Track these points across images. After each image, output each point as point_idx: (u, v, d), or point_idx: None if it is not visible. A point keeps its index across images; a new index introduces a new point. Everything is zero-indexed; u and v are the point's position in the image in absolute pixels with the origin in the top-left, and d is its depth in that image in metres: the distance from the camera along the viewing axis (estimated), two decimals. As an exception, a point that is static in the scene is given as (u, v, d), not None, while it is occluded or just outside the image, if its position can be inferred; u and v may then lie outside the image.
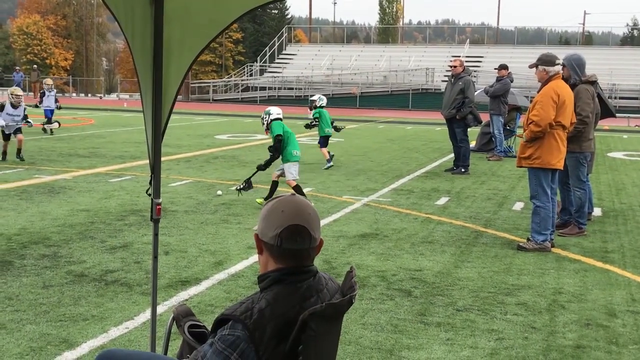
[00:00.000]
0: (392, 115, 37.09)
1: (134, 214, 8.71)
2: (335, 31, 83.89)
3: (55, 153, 15.16)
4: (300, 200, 2.28)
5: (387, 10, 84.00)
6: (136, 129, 22.79)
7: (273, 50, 57.19)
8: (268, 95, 48.94)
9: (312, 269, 2.30)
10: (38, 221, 8.14)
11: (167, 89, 3.60)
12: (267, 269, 2.25)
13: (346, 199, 10.31)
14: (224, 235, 7.72)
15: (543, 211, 7.39)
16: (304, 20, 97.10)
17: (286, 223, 2.17)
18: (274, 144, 9.42)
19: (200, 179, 11.91)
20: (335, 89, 48.50)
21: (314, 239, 2.23)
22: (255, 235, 2.26)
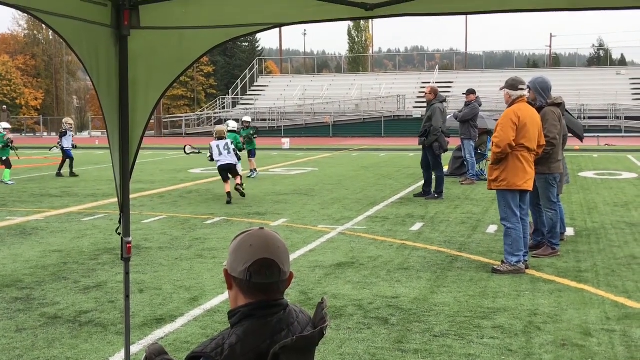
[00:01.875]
0: (365, 142, 37.33)
1: (108, 253, 8.64)
2: (306, 61, 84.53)
3: (26, 194, 15.01)
4: (269, 234, 2.28)
5: (356, 40, 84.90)
6: (108, 166, 22.63)
7: (245, 82, 57.46)
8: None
9: (283, 302, 2.30)
10: (10, 264, 8.04)
11: (134, 128, 3.61)
12: (237, 304, 2.25)
13: (322, 228, 10.31)
14: (198, 271, 7.67)
15: (514, 232, 7.48)
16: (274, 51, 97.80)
17: (255, 257, 2.17)
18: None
19: (174, 214, 11.86)
20: (308, 118, 48.77)
21: (284, 272, 2.24)
22: (224, 271, 2.26)
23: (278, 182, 17.02)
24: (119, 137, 3.57)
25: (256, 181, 17.35)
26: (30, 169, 20.87)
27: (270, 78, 62.89)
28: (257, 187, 16.02)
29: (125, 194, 3.63)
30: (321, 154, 28.18)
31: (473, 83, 37.33)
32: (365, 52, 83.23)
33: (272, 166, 22.27)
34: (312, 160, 24.71)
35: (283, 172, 19.99)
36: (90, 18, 3.25)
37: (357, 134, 45.08)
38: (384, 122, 45.85)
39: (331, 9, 3.18)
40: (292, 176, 18.75)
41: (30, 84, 73.75)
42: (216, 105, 56.42)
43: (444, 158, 13.81)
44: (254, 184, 16.73)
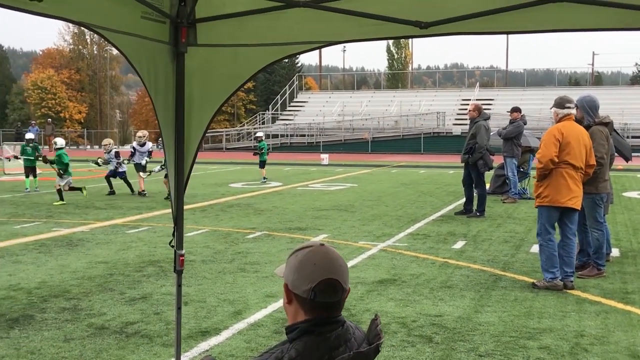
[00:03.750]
0: (405, 159, 37.21)
1: (152, 265, 8.75)
2: (346, 78, 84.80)
3: (72, 205, 15.29)
4: (332, 252, 2.30)
5: (395, 56, 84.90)
6: (152, 179, 22.95)
7: (284, 98, 57.80)
8: (280, 143, 49.28)
9: (340, 319, 2.32)
10: (57, 274, 8.19)
11: (188, 143, 3.68)
12: (296, 319, 2.27)
13: (362, 244, 10.31)
14: (242, 284, 7.73)
15: (546, 249, 7.50)
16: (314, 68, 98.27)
17: (320, 277, 2.18)
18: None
19: (216, 227, 11.97)
20: (347, 134, 48.82)
21: (345, 290, 2.26)
22: (285, 286, 2.27)
23: (318, 198, 17.06)
24: (174, 152, 3.64)
25: (296, 196, 17.42)
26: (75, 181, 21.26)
27: (309, 94, 63.17)
28: (297, 202, 16.08)
29: (179, 207, 3.69)
30: (360, 170, 28.17)
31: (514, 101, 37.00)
32: (404, 68, 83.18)
33: (311, 182, 22.33)
34: (351, 176, 24.71)
35: (322, 188, 20.03)
36: (149, 35, 3.33)
37: (396, 150, 44.96)
38: (424, 138, 45.66)
39: (387, 27, 3.21)
40: (331, 192, 18.78)
41: (74, 97, 75.17)
42: (256, 120, 56.84)
43: (486, 176, 13.72)
44: (294, 199, 16.80)
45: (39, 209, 14.68)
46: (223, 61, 3.57)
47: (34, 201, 16.25)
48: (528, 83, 60.16)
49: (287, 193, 18.41)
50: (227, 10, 3.38)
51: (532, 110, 38.49)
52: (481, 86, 61.31)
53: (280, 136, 50.42)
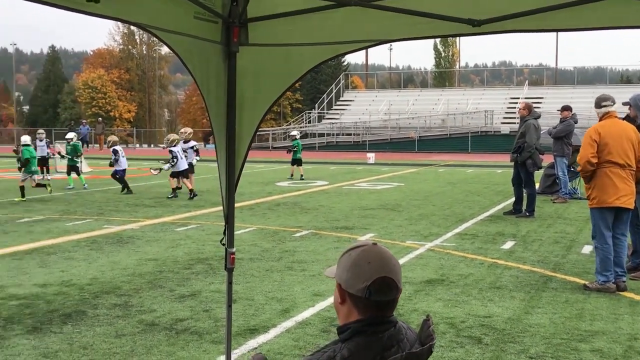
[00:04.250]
0: (452, 158, 36.89)
1: (201, 263, 8.84)
2: (392, 76, 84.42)
3: (122, 203, 15.56)
4: (385, 251, 2.29)
5: (442, 54, 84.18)
6: (200, 177, 23.21)
7: (330, 97, 57.83)
8: (326, 142, 49.31)
9: (393, 319, 2.30)
10: (108, 271, 8.34)
11: (240, 142, 3.70)
12: (349, 319, 2.26)
13: (410, 244, 10.25)
14: (289, 283, 7.75)
15: (601, 252, 7.38)
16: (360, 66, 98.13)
17: (375, 276, 2.18)
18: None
19: (264, 226, 12.04)
20: (393, 133, 48.63)
21: (399, 290, 2.25)
22: (338, 286, 2.27)
23: (364, 197, 17.03)
24: (225, 151, 3.67)
25: (342, 195, 17.42)
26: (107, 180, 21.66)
27: (355, 93, 63.08)
28: (343, 201, 16.07)
29: (230, 205, 3.72)
30: (407, 169, 28.04)
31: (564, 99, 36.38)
32: (451, 66, 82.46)
33: (358, 180, 22.30)
34: (398, 175, 24.61)
35: (368, 187, 19.98)
36: (202, 35, 3.36)
37: (443, 149, 44.60)
38: (471, 137, 45.21)
39: (438, 25, 3.18)
40: (377, 191, 18.73)
41: (124, 97, 76.46)
42: (302, 119, 57.02)
43: (535, 175, 13.51)
44: (340, 198, 16.80)
45: (90, 206, 14.97)
46: (274, 60, 3.58)
47: (85, 199, 16.58)
48: (578, 81, 59.09)
49: (333, 192, 18.42)
50: (278, 9, 3.38)
51: (582, 108, 37.77)
52: (530, 84, 60.37)
53: (326, 135, 50.45)
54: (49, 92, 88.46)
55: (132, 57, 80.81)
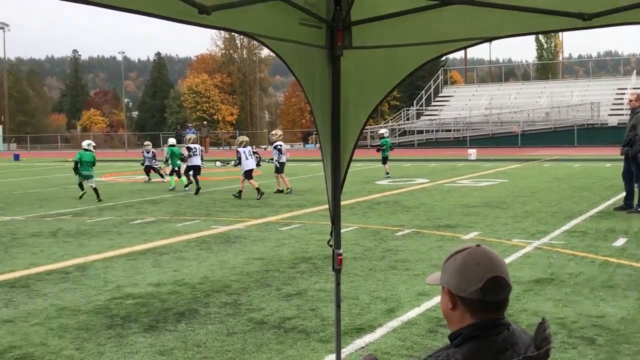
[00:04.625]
0: (557, 152, 35.77)
1: (305, 262, 8.97)
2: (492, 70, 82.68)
3: (228, 204, 15.98)
4: (491, 251, 2.27)
5: (545, 46, 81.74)
6: (300, 178, 23.53)
7: (429, 93, 57.28)
8: (425, 139, 48.89)
9: (506, 321, 2.28)
10: (218, 270, 8.60)
11: (345, 143, 3.75)
12: (462, 324, 2.24)
13: (516, 242, 10.03)
14: (393, 282, 7.75)
15: None
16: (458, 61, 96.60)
17: (486, 276, 2.16)
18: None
19: (365, 225, 12.07)
20: (495, 128, 47.66)
21: (511, 288, 2.22)
22: (447, 292, 2.25)
23: (467, 194, 16.78)
24: (331, 153, 3.72)
25: (444, 193, 17.23)
26: (230, 180, 22.21)
27: (455, 88, 62.23)
28: (445, 198, 15.90)
29: (336, 207, 3.77)
30: (510, 165, 27.41)
31: (678, 87, 34.58)
32: (554, 58, 79.96)
33: (459, 177, 21.99)
34: (501, 171, 24.10)
35: (471, 184, 19.67)
36: (306, 40, 3.42)
37: (548, 143, 43.32)
38: (577, 130, 43.72)
39: (546, 20, 3.11)
40: (480, 188, 18.41)
41: (226, 100, 78.47)
42: (400, 116, 56.73)
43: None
44: (442, 195, 16.62)
45: (198, 207, 15.45)
46: (378, 62, 3.60)
47: (193, 200, 17.12)
48: (693, 68, 56.00)
49: (434, 190, 18.25)
50: (382, 11, 3.40)
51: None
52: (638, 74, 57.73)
53: (425, 132, 50.01)
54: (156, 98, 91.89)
55: (234, 61, 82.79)
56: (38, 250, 10.28)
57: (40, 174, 28.55)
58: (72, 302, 7.13)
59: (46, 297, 7.39)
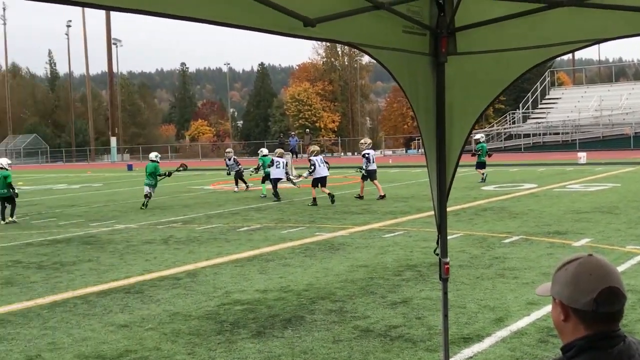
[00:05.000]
0: (674, 155, 33.97)
1: (410, 269, 8.91)
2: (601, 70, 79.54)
3: (331, 211, 16.09)
4: (604, 260, 2.19)
5: (659, 43, 77.84)
6: (403, 184, 23.42)
7: (535, 96, 55.75)
8: (532, 142, 47.59)
9: (621, 333, 2.19)
10: (322, 277, 8.67)
11: (450, 151, 3.70)
12: (575, 336, 2.17)
13: (630, 249, 9.60)
14: (501, 290, 7.58)
15: None
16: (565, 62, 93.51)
17: (600, 286, 2.09)
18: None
19: (471, 232, 11.87)
20: (606, 130, 45.84)
21: (626, 298, 2.14)
22: (558, 303, 2.19)
23: (577, 199, 16.20)
24: (436, 160, 3.69)
25: (552, 198, 16.71)
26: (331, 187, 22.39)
27: (562, 90, 60.28)
28: (555, 204, 15.41)
29: (442, 215, 3.73)
30: (622, 168, 26.27)
31: None
32: (670, 55, 76.05)
33: (569, 182, 21.27)
34: (613, 175, 23.13)
35: (581, 189, 18.98)
36: (410, 48, 3.41)
37: (663, 145, 41.25)
38: (696, 131, 41.41)
39: (662, 19, 2.97)
40: (591, 193, 17.74)
41: (328, 107, 79.12)
42: (506, 120, 55.48)
43: None
44: (551, 201, 16.13)
45: (302, 214, 15.64)
46: (484, 68, 3.54)
47: (297, 207, 17.36)
48: None
49: (543, 195, 17.73)
50: (486, 16, 3.35)
51: None
52: None
53: (532, 135, 48.68)
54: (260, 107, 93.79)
55: (335, 69, 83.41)
56: (151, 257, 10.69)
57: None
58: (184, 308, 7.37)
59: (159, 302, 7.68)
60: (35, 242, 12.78)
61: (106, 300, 7.85)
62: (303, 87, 78.08)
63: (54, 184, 33.29)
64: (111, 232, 13.82)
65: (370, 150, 19.34)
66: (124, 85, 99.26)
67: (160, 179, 19.33)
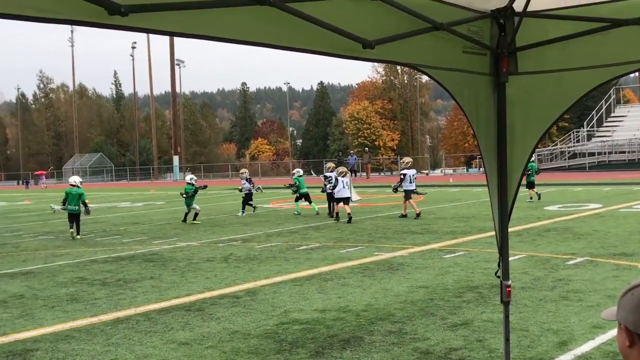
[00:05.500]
0: None
1: (471, 291, 8.78)
2: (670, 87, 77.18)
3: (390, 230, 16.01)
4: None
5: None
6: (464, 204, 23.14)
7: (600, 114, 54.53)
8: (597, 161, 46.52)
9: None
10: (381, 297, 8.61)
11: (511, 172, 3.66)
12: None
13: (702, 273, 9.25)
14: (565, 314, 7.40)
15: None
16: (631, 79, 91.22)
17: None
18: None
19: (534, 253, 11.63)
20: (675, 149, 44.44)
21: None
22: (623, 328, 2.13)
23: (645, 220, 15.72)
24: (497, 181, 3.64)
25: (619, 219, 16.26)
26: (392, 207, 22.25)
27: (629, 107, 58.80)
28: (621, 225, 14.99)
29: (503, 236, 3.68)
30: (693, 188, 25.40)
31: None
32: None
33: (636, 202, 20.67)
34: (683, 195, 22.38)
35: (650, 209, 18.42)
36: (470, 68, 3.39)
37: None
38: None
39: None
40: (660, 213, 17.18)
41: (387, 126, 79.00)
42: (570, 138, 54.38)
43: None
44: (617, 221, 15.69)
45: (361, 234, 15.60)
46: (546, 87, 3.49)
47: (355, 226, 17.32)
48: None
49: (608, 215, 17.27)
50: (549, 35, 3.31)
51: None
52: None
53: (597, 154, 47.58)
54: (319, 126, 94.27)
55: (394, 87, 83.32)
56: (212, 274, 10.81)
57: (212, 202, 30.12)
58: (243, 326, 7.42)
59: (219, 320, 7.75)
60: (99, 259, 13.09)
61: (167, 318, 7.96)
62: (362, 106, 78.19)
63: (118, 201, 34.09)
64: (173, 250, 14.05)
65: (407, 170, 19.43)
66: (187, 105, 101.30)
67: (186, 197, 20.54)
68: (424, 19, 2.98)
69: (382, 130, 77.86)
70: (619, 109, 57.10)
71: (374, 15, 2.82)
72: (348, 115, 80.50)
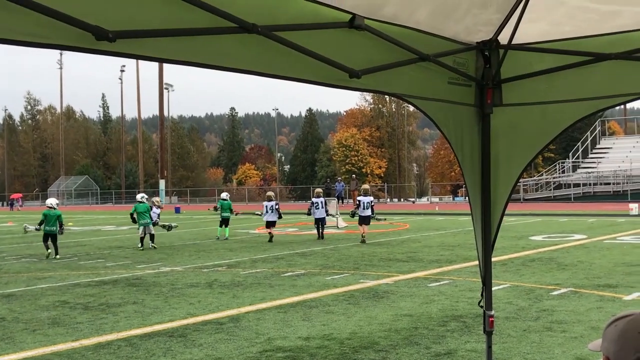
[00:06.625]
0: None
1: (455, 320, 8.76)
2: (654, 120, 78.08)
3: (376, 258, 15.99)
4: None
5: None
6: (449, 232, 23.18)
7: (586, 145, 54.99)
8: (583, 192, 46.80)
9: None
10: (366, 325, 8.58)
11: (495, 202, 3.68)
12: (618, 391, 2.12)
13: (685, 305, 9.29)
14: (549, 345, 7.40)
15: None
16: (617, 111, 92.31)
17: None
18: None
19: (518, 283, 11.65)
20: (660, 181, 44.81)
21: None
22: (605, 358, 2.15)
23: (628, 252, 15.80)
24: (481, 212, 3.66)
25: (603, 250, 16.33)
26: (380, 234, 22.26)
27: (613, 139, 59.36)
28: (605, 256, 15.05)
29: (487, 266, 3.69)
30: (677, 221, 25.58)
31: None
32: None
33: (620, 234, 20.78)
34: (667, 228, 22.53)
35: (633, 241, 18.52)
36: (455, 99, 3.43)
37: None
38: None
39: None
40: (644, 245, 17.27)
41: (374, 153, 79.22)
42: (555, 169, 54.74)
43: None
44: (601, 252, 15.76)
45: (347, 261, 15.57)
46: (530, 119, 3.53)
47: (342, 253, 17.29)
48: None
49: (592, 246, 17.34)
50: (534, 68, 3.36)
51: None
52: None
53: (582, 185, 47.90)
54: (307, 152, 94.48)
55: (382, 115, 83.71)
56: (195, 300, 10.74)
57: (198, 226, 29.99)
58: (226, 353, 7.36)
59: (202, 347, 7.69)
60: (82, 283, 12.98)
61: (149, 344, 7.89)
62: (350, 133, 78.43)
63: (103, 225, 33.88)
64: (157, 275, 13.95)
65: (362, 197, 20.72)
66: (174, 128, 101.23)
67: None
68: (410, 49, 3.01)
69: (369, 158, 78.06)
70: (605, 140, 57.63)
71: (361, 46, 2.85)
72: (336, 142, 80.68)
